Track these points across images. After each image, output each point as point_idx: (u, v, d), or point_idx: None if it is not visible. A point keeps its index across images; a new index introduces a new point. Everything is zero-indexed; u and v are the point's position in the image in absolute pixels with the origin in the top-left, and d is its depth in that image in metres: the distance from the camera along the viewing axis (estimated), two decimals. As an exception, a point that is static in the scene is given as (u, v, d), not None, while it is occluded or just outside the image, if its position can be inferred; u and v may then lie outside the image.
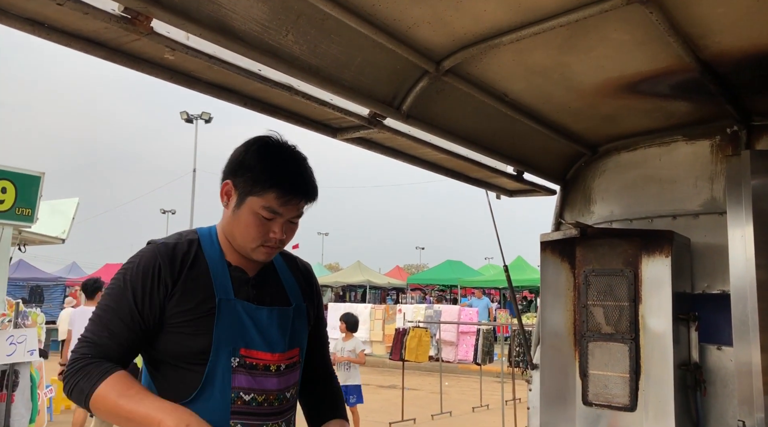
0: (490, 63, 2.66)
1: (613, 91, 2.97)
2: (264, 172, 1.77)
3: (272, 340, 1.85)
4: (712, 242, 3.28)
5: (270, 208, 1.77)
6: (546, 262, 3.47)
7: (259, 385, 1.80)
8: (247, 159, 1.81)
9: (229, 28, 1.92)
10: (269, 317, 1.86)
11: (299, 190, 1.81)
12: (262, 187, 1.76)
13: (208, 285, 1.79)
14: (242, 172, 1.80)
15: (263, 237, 1.81)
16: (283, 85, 2.24)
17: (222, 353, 1.75)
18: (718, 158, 3.35)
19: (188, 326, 1.74)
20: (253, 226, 1.79)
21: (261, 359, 1.82)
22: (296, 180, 1.81)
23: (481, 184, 3.93)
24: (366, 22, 2.18)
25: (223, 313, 1.77)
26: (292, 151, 1.86)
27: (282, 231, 1.81)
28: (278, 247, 1.87)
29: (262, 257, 1.86)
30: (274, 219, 1.80)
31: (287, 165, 1.81)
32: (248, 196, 1.78)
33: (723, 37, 2.43)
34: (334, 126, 2.81)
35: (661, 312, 3.07)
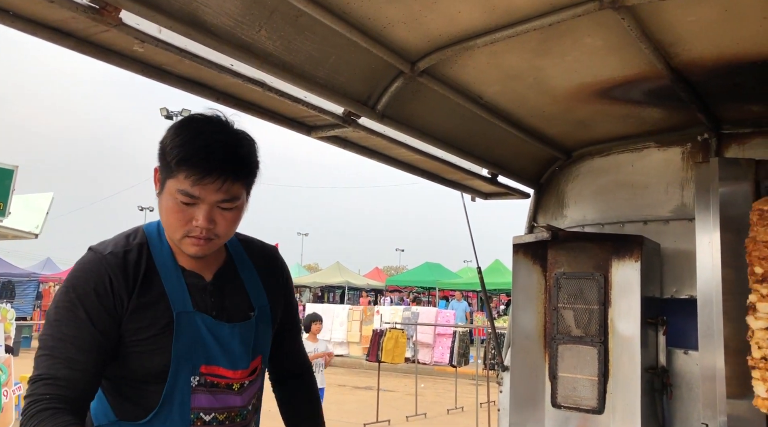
0: (465, 65, 2.68)
1: (587, 96, 3.00)
2: (174, 149, 1.53)
3: (235, 356, 1.69)
4: (681, 248, 3.33)
5: (184, 190, 1.52)
6: (518, 264, 3.49)
7: (220, 403, 1.66)
8: (165, 139, 1.59)
9: (200, 21, 1.90)
10: (231, 333, 1.69)
11: (213, 166, 1.51)
12: (174, 168, 1.52)
13: (162, 297, 1.60)
14: (161, 154, 1.59)
15: (185, 226, 1.57)
16: (255, 81, 2.23)
17: (181, 371, 1.60)
18: (688, 165, 3.40)
19: (144, 344, 1.58)
20: (172, 212, 1.57)
21: (223, 377, 1.67)
22: (209, 155, 1.51)
23: (457, 186, 3.94)
24: (340, 20, 2.17)
25: (181, 328, 1.59)
26: (216, 124, 1.60)
27: (206, 218, 1.55)
28: (210, 238, 1.60)
29: (192, 249, 1.61)
30: (195, 204, 1.55)
31: (200, 139, 1.54)
32: (166, 179, 1.56)
33: (693, 46, 2.46)
34: (309, 124, 2.80)
35: (630, 316, 3.11)
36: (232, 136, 1.60)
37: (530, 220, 4.05)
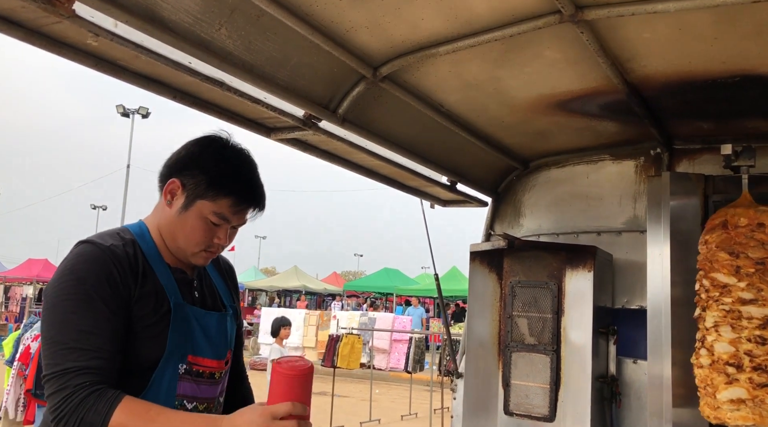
0: (427, 73, 2.69)
1: (545, 107, 3.05)
2: (222, 177, 1.70)
3: (218, 346, 1.82)
4: (633, 259, 3.40)
5: (221, 214, 1.72)
6: (474, 272, 3.52)
7: (202, 393, 1.76)
8: (202, 160, 1.73)
9: (158, 17, 1.86)
10: (218, 323, 1.82)
11: (254, 199, 1.76)
12: (218, 193, 1.70)
13: (159, 288, 1.70)
14: (195, 174, 1.72)
15: (208, 242, 1.75)
16: (214, 80, 2.19)
17: (172, 359, 1.69)
18: (641, 178, 3.49)
19: (146, 331, 1.66)
20: (199, 230, 1.73)
21: (207, 366, 1.77)
22: (252, 188, 1.76)
23: (416, 192, 3.95)
24: (303, 22, 2.15)
25: (177, 317, 1.70)
26: (248, 157, 1.81)
27: (227, 237, 1.77)
28: (219, 252, 1.83)
29: (201, 261, 1.80)
30: (221, 225, 1.74)
31: (245, 171, 1.76)
32: (199, 199, 1.71)
33: (648, 62, 2.53)
34: (269, 125, 2.76)
35: (582, 325, 3.16)
36: (257, 169, 1.82)
37: (487, 228, 4.08)
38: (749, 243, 2.62)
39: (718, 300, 2.61)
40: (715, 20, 2.17)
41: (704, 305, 2.66)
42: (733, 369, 2.54)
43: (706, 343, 2.63)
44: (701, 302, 2.69)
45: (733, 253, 2.61)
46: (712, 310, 2.62)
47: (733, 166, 2.78)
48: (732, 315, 2.57)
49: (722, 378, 2.55)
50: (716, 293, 2.61)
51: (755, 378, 2.51)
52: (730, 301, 2.58)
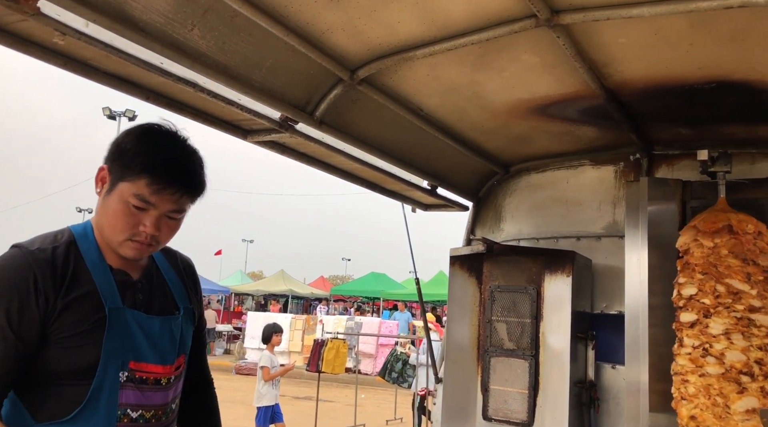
0: (405, 76, 2.67)
1: (524, 112, 3.04)
2: (138, 156, 1.61)
3: (164, 351, 1.73)
4: (612, 264, 3.40)
5: (140, 195, 1.60)
6: (454, 276, 3.51)
7: (147, 400, 1.68)
8: (124, 142, 1.66)
9: (128, 16, 1.83)
10: (162, 327, 1.74)
11: (176, 179, 1.63)
12: (135, 172, 1.60)
13: (93, 293, 1.61)
14: (117, 156, 1.65)
15: (131, 229, 1.63)
16: (187, 81, 2.16)
17: (110, 366, 1.60)
18: (621, 184, 3.49)
19: (75, 339, 1.57)
20: (121, 215, 1.62)
21: (152, 372, 1.69)
22: (173, 168, 1.63)
23: (397, 196, 3.94)
24: (278, 24, 2.13)
25: (113, 323, 1.61)
26: (178, 139, 1.71)
27: (154, 225, 1.64)
28: (151, 244, 1.68)
29: (131, 252, 1.67)
30: (146, 210, 1.63)
31: (166, 151, 1.66)
32: (119, 181, 1.62)
33: (625, 67, 2.53)
34: (245, 128, 2.74)
35: (561, 330, 3.16)
36: (191, 153, 1.71)
37: (468, 232, 4.08)
38: (755, 250, 2.61)
39: (729, 307, 2.55)
40: (690, 26, 2.18)
41: (708, 311, 2.58)
42: (747, 378, 2.50)
43: (712, 351, 2.54)
44: (698, 307, 2.61)
45: (745, 259, 2.59)
46: (721, 316, 2.55)
47: (709, 172, 2.79)
48: (742, 323, 2.53)
49: (734, 387, 2.49)
50: (728, 299, 2.56)
51: (766, 387, 2.49)
52: (742, 308, 2.54)
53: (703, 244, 2.65)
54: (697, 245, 2.67)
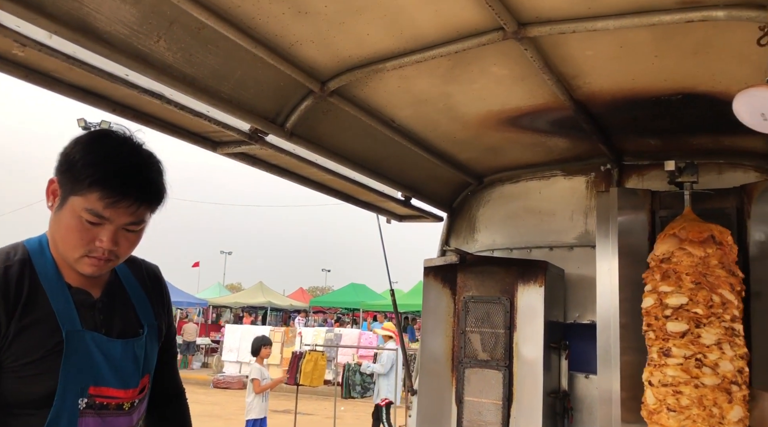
0: (377, 88, 2.68)
1: (496, 123, 3.06)
2: (87, 167, 1.48)
3: (126, 375, 1.62)
4: (584, 274, 3.43)
5: (93, 210, 1.49)
6: (429, 287, 3.51)
7: (109, 426, 1.58)
8: (73, 153, 1.52)
9: (91, 28, 1.81)
10: (124, 350, 1.63)
11: (130, 190, 1.50)
12: (85, 185, 1.48)
13: (50, 316, 1.50)
14: (66, 168, 1.52)
15: (86, 245, 1.52)
16: (153, 93, 2.14)
17: (69, 394, 1.50)
18: (592, 194, 3.53)
19: (30, 367, 1.47)
20: (74, 231, 1.51)
21: (113, 397, 1.59)
22: (127, 178, 1.50)
23: (371, 207, 3.93)
24: (246, 35, 2.12)
25: (71, 348, 1.51)
26: (132, 147, 1.57)
27: (111, 240, 1.52)
28: (110, 259, 1.56)
29: (89, 269, 1.55)
30: (101, 224, 1.51)
31: (117, 160, 1.51)
32: (70, 195, 1.50)
33: (593, 79, 2.56)
34: (214, 140, 2.72)
35: (534, 340, 3.16)
36: (146, 160, 1.58)
37: (443, 243, 4.08)
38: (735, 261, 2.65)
39: (720, 317, 2.56)
40: (655, 39, 2.22)
41: (700, 320, 2.58)
42: (736, 387, 2.51)
43: (707, 361, 2.54)
44: (689, 317, 2.60)
45: (730, 270, 2.62)
46: (714, 326, 2.56)
47: (677, 182, 2.83)
48: (728, 333, 2.56)
49: (726, 397, 2.51)
50: (720, 309, 2.57)
51: (747, 396, 2.52)
52: (729, 318, 2.56)
53: (692, 253, 2.65)
54: (685, 254, 2.67)
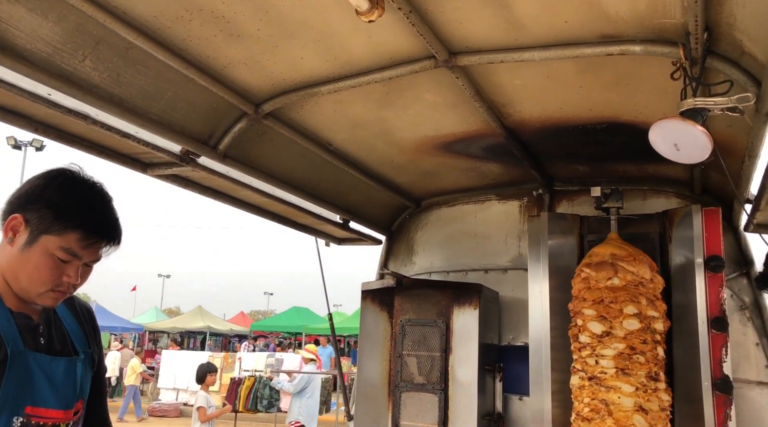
0: (312, 111, 2.68)
1: (431, 148, 3.11)
2: (69, 210, 1.58)
3: (66, 395, 1.66)
4: (518, 296, 3.49)
5: (69, 250, 1.59)
6: (366, 310, 3.50)
7: None
8: (47, 194, 1.60)
9: (9, 44, 1.75)
10: (66, 370, 1.67)
11: (106, 232, 1.64)
12: (64, 227, 1.57)
13: None
14: (39, 208, 1.59)
15: (55, 281, 1.61)
16: (77, 113, 2.08)
17: (4, 411, 1.52)
18: (525, 218, 3.62)
19: None
20: (45, 268, 1.59)
21: (51, 418, 1.61)
22: (103, 221, 1.65)
23: (309, 230, 3.91)
24: (176, 57, 2.10)
25: (14, 367, 1.54)
26: (99, 189, 1.69)
27: (77, 275, 1.63)
28: (69, 292, 1.67)
29: (50, 302, 1.65)
30: (70, 262, 1.61)
31: (94, 204, 1.65)
32: (43, 234, 1.58)
33: (523, 107, 2.64)
34: (144, 161, 2.65)
35: (469, 363, 3.19)
36: (110, 202, 1.71)
37: (381, 266, 4.09)
38: None
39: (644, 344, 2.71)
40: (579, 70, 2.31)
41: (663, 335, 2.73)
42: None
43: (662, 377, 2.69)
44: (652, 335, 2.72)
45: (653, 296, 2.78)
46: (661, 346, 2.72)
47: (603, 208, 2.93)
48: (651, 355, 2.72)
49: None
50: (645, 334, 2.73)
51: None
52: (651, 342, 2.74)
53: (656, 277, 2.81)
54: (654, 275, 2.81)
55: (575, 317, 2.81)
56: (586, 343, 2.74)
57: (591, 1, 1.84)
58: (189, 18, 1.94)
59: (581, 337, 2.76)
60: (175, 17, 1.93)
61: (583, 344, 2.74)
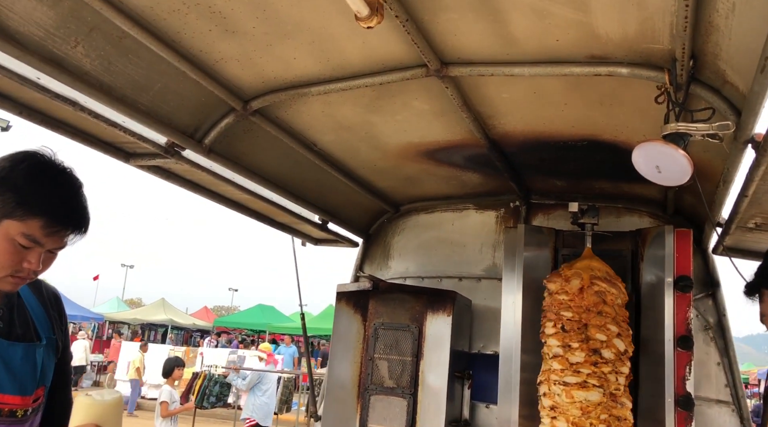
0: (300, 111, 2.69)
1: (415, 155, 3.14)
2: (32, 196, 1.54)
3: (23, 381, 1.63)
4: (490, 305, 3.54)
5: (31, 236, 1.54)
6: (340, 312, 3.51)
7: None
8: (12, 176, 1.55)
9: (1, 26, 1.72)
10: (24, 356, 1.64)
11: (70, 221, 1.59)
12: (26, 213, 1.53)
13: None
14: (3, 191, 1.54)
15: (14, 266, 1.56)
16: (66, 99, 2.05)
17: None
18: (501, 229, 3.67)
19: None
20: (5, 253, 1.55)
21: (8, 403, 1.60)
22: (69, 209, 1.59)
23: (287, 229, 3.91)
24: (169, 49, 2.09)
25: None
26: (69, 175, 1.64)
27: (38, 262, 1.59)
28: (30, 278, 1.63)
29: (8, 287, 1.61)
30: (32, 248, 1.56)
31: (61, 191, 1.59)
32: (5, 219, 1.54)
33: (508, 120, 2.69)
34: (127, 151, 2.63)
35: (440, 369, 3.22)
36: (80, 190, 1.65)
37: (357, 269, 4.10)
38: None
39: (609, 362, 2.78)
40: (566, 88, 2.36)
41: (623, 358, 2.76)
42: None
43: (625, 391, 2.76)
44: None
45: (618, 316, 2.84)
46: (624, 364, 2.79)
47: (579, 223, 2.99)
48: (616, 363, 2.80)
49: None
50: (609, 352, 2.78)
51: None
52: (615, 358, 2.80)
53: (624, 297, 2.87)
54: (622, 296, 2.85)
55: (544, 325, 2.87)
56: (555, 353, 2.80)
57: (583, 22, 1.89)
58: (185, 11, 1.94)
59: (549, 346, 2.82)
60: (171, 9, 1.92)
61: (552, 354, 2.79)
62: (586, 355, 2.72)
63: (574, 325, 2.76)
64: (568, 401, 2.69)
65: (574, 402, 2.68)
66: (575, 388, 2.69)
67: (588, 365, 2.70)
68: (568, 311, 2.80)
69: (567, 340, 2.76)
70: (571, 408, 2.68)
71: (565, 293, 2.80)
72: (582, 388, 2.68)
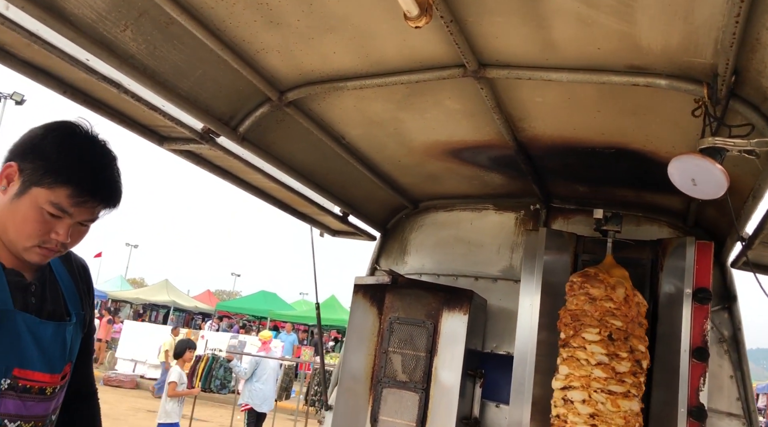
0: (333, 104, 2.72)
1: (440, 153, 3.17)
2: (60, 163, 1.51)
3: (54, 359, 1.62)
4: (505, 306, 3.57)
5: (58, 205, 1.52)
6: (356, 305, 3.54)
7: (28, 411, 1.56)
8: (43, 144, 1.54)
9: (59, 8, 1.75)
10: (54, 333, 1.62)
11: (98, 192, 1.56)
12: (54, 180, 1.50)
13: None
14: (33, 158, 1.53)
15: (42, 236, 1.54)
16: (111, 81, 2.09)
17: None
18: (520, 231, 3.69)
19: None
20: (32, 221, 1.52)
21: (38, 381, 1.58)
22: (97, 180, 1.56)
23: (308, 219, 3.94)
24: (213, 37, 2.11)
25: (2, 326, 1.50)
26: (101, 146, 1.61)
27: (67, 234, 1.55)
28: (58, 251, 1.60)
29: (36, 258, 1.58)
30: (61, 218, 1.54)
31: (91, 161, 1.57)
32: (34, 186, 1.52)
33: (537, 124, 2.71)
34: (162, 134, 2.66)
35: (453, 366, 3.26)
36: (112, 162, 1.63)
37: (373, 262, 4.13)
38: None
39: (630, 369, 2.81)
40: (600, 96, 2.38)
41: None
42: None
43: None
44: None
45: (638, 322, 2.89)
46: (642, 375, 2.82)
47: (602, 230, 3.02)
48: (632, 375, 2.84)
49: None
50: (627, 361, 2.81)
51: None
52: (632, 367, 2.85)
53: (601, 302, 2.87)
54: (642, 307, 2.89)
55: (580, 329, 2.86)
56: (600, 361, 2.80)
57: (626, 33, 1.91)
58: (234, 1, 1.97)
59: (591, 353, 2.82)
60: (220, -2, 1.95)
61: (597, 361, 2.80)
62: (631, 365, 2.75)
63: (621, 334, 2.78)
64: (613, 410, 2.70)
65: (619, 411, 2.69)
66: (620, 397, 2.71)
67: (630, 375, 2.73)
68: (616, 319, 2.79)
69: (614, 349, 2.76)
70: (616, 417, 2.69)
71: (611, 301, 2.80)
72: (625, 397, 2.71)
